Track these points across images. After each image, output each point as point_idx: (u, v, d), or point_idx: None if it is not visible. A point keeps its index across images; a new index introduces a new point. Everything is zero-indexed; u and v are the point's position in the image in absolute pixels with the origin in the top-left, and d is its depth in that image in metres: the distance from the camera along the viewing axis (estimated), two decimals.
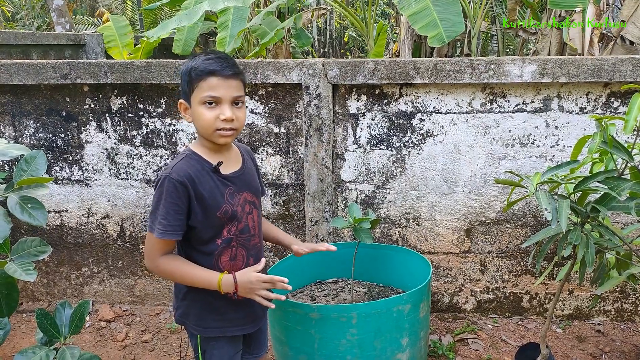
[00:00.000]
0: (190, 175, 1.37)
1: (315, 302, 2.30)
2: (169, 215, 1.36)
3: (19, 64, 2.66)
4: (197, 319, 1.51)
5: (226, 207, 1.43)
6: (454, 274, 2.80)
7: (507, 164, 2.59)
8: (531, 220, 2.67)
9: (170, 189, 1.35)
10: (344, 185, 2.74)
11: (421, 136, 2.62)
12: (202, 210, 1.40)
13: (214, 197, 1.41)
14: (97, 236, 2.95)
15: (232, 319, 1.52)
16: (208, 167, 1.42)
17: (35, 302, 3.07)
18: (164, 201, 1.36)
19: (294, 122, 2.69)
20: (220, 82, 1.35)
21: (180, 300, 1.53)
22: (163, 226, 1.36)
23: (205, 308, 1.50)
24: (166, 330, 2.79)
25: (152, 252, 1.41)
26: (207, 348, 1.54)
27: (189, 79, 1.37)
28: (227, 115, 1.35)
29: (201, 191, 1.38)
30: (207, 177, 1.41)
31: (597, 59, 2.37)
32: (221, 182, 1.44)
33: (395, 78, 2.49)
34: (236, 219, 1.46)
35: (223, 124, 1.36)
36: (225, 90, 1.35)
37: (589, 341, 2.60)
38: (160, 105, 2.73)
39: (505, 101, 2.52)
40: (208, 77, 1.34)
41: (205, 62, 1.35)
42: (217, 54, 1.39)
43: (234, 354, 1.57)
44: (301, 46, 5.90)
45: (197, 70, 1.35)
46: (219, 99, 1.35)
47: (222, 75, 1.35)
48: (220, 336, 1.53)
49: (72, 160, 2.85)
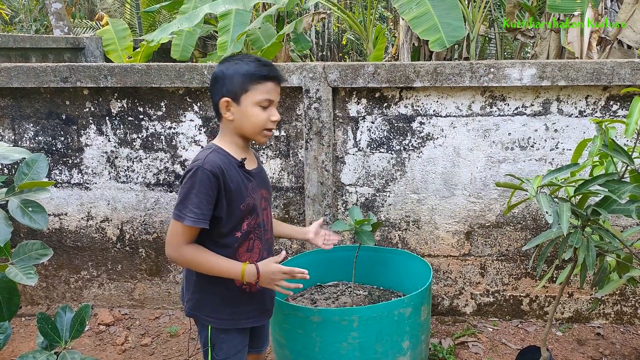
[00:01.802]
0: (221, 167, 1.44)
1: (315, 305, 2.29)
2: (201, 204, 1.41)
3: (19, 67, 2.66)
4: (211, 310, 1.55)
5: (249, 200, 1.51)
6: (454, 277, 2.80)
7: (507, 167, 2.60)
8: (531, 223, 2.67)
9: (204, 179, 1.41)
10: (344, 189, 2.74)
11: (421, 139, 2.63)
12: (227, 202, 1.46)
13: (240, 190, 1.49)
14: (96, 240, 2.94)
15: (244, 311, 1.57)
16: (234, 162, 1.51)
17: (34, 305, 3.06)
18: (197, 190, 1.41)
19: (294, 125, 2.70)
20: (275, 87, 1.49)
21: (191, 293, 1.56)
22: (195, 214, 1.40)
23: (219, 299, 1.54)
24: (166, 334, 2.78)
25: (177, 240, 1.44)
26: (218, 340, 1.57)
27: (243, 80, 1.45)
28: (278, 117, 1.51)
29: (229, 183, 1.46)
30: (234, 171, 1.49)
31: (597, 62, 2.38)
32: (245, 177, 1.52)
33: (396, 81, 2.50)
34: (256, 212, 1.54)
35: (272, 124, 1.50)
36: (277, 95, 1.51)
37: (589, 344, 2.60)
38: (160, 109, 2.73)
39: (505, 104, 2.53)
40: (267, 82, 1.46)
41: (263, 67, 1.47)
42: (264, 60, 1.50)
43: (242, 347, 1.61)
44: (300, 50, 5.92)
45: (255, 74, 1.45)
46: (273, 102, 1.49)
47: (278, 82, 1.50)
48: (231, 328, 1.57)
49: (71, 164, 2.85)
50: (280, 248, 2.86)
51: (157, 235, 2.90)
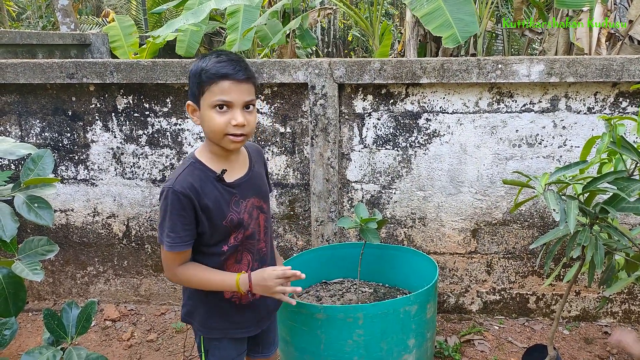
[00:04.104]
0: (194, 187, 1.34)
1: (321, 302, 2.29)
2: (175, 227, 1.34)
3: (25, 63, 2.67)
4: (201, 320, 1.52)
5: (232, 215, 1.41)
6: (460, 275, 2.79)
7: (514, 164, 2.58)
8: (538, 221, 2.65)
9: (174, 201, 1.33)
10: (350, 186, 2.73)
11: (427, 136, 2.61)
12: (208, 220, 1.38)
13: (219, 206, 1.39)
14: (102, 235, 2.95)
15: (235, 321, 1.52)
16: (212, 176, 1.39)
17: (41, 301, 3.08)
18: (169, 214, 1.34)
19: (299, 122, 2.69)
20: (233, 87, 1.29)
21: (186, 299, 1.55)
22: (171, 239, 1.35)
23: (209, 310, 1.50)
24: (171, 329, 2.78)
25: (169, 265, 1.41)
26: (210, 348, 1.54)
27: (199, 81, 1.31)
28: (239, 120, 1.30)
29: (206, 202, 1.36)
30: (211, 186, 1.38)
31: (606, 58, 2.35)
32: (226, 190, 1.41)
33: (402, 78, 2.48)
34: (242, 226, 1.45)
35: (234, 129, 1.31)
36: (238, 94, 1.30)
37: (596, 343, 2.58)
38: (166, 105, 2.73)
39: (513, 101, 2.50)
40: (220, 81, 1.28)
41: (217, 64, 1.29)
42: (229, 55, 1.33)
43: (236, 355, 1.57)
44: (306, 47, 5.90)
45: (208, 72, 1.29)
46: (231, 103, 1.30)
47: (235, 80, 1.29)
48: (223, 337, 1.53)
49: (77, 160, 2.86)
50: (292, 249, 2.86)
51: None
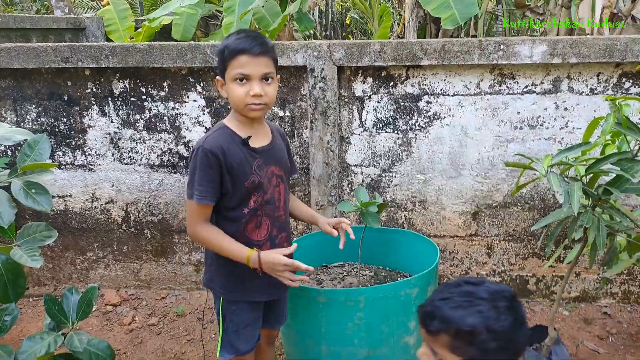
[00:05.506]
0: (222, 147, 1.46)
1: (321, 286, 2.29)
2: (202, 181, 1.46)
3: (19, 47, 2.62)
4: (222, 283, 1.61)
5: (254, 177, 1.52)
6: (460, 257, 2.79)
7: (515, 146, 2.56)
8: (539, 203, 2.64)
9: (203, 158, 1.45)
10: (350, 169, 2.72)
11: (428, 119, 2.58)
12: (231, 180, 1.49)
13: (243, 167, 1.50)
14: (101, 221, 2.94)
15: (255, 284, 1.61)
16: (238, 140, 1.51)
17: (41, 286, 3.08)
18: (198, 169, 1.46)
19: (299, 106, 2.66)
20: (250, 60, 1.42)
21: (208, 266, 1.65)
22: (200, 192, 1.46)
23: (229, 275, 1.60)
24: (172, 313, 2.79)
25: (192, 219, 1.51)
26: (228, 312, 1.62)
27: (223, 58, 1.46)
28: (255, 91, 1.43)
29: (231, 161, 1.48)
30: (237, 149, 1.50)
31: (609, 38, 2.32)
32: (250, 154, 1.53)
33: (402, 60, 2.45)
34: (262, 189, 1.55)
35: (253, 99, 1.44)
36: (254, 67, 1.43)
37: (596, 323, 2.60)
38: (163, 89, 2.69)
39: (514, 82, 2.48)
40: (238, 56, 1.42)
41: (237, 40, 1.43)
42: (248, 32, 1.46)
43: (252, 320, 1.65)
44: (303, 30, 5.81)
45: (229, 49, 1.43)
46: (249, 76, 1.43)
47: (251, 54, 1.42)
48: (240, 300, 1.61)
49: (75, 145, 2.83)
50: None
51: (162, 216, 2.89)
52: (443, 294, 1.01)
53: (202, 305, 2.84)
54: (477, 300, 0.97)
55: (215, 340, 2.55)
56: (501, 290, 1.00)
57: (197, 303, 2.89)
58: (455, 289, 1.02)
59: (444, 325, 0.97)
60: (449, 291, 1.01)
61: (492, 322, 0.94)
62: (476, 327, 0.94)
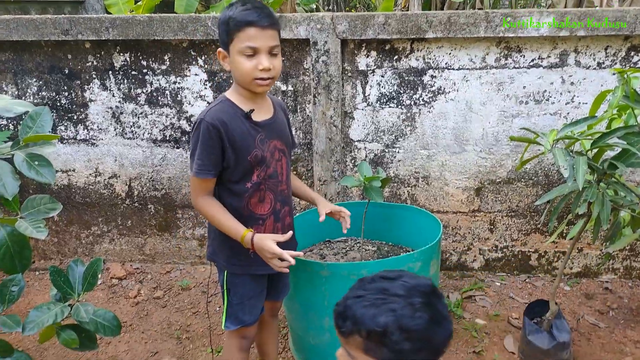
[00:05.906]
0: (223, 120, 1.43)
1: (324, 260, 2.30)
2: (203, 155, 1.44)
3: (18, 19, 2.58)
4: (225, 257, 1.62)
5: (257, 151, 1.50)
6: (463, 233, 2.80)
7: (520, 121, 2.53)
8: (542, 179, 2.63)
9: (205, 131, 1.42)
10: (353, 145, 2.70)
11: (432, 93, 2.55)
12: (234, 153, 1.47)
13: (246, 141, 1.48)
14: (105, 196, 2.95)
15: (256, 259, 1.60)
16: (241, 113, 1.48)
17: (47, 260, 3.11)
18: (200, 142, 1.43)
19: (301, 80, 2.63)
20: (258, 33, 1.37)
21: (211, 240, 1.65)
22: (198, 165, 1.45)
23: (231, 249, 1.59)
24: (177, 287, 2.83)
25: (194, 191, 1.51)
26: (232, 285, 1.64)
27: (227, 29, 1.39)
28: (265, 65, 1.39)
29: (233, 135, 1.45)
30: (239, 122, 1.47)
31: (619, 10, 2.27)
32: (253, 128, 1.50)
33: (407, 32, 2.40)
34: (265, 163, 1.53)
35: (261, 73, 1.40)
36: (263, 40, 1.38)
37: (597, 298, 2.62)
38: (164, 62, 2.66)
39: (521, 56, 2.44)
40: (246, 28, 1.36)
41: (243, 12, 1.36)
42: (254, 3, 1.39)
43: (255, 293, 1.66)
44: (306, 4, 5.71)
45: (235, 20, 1.37)
46: (257, 49, 1.38)
47: (260, 26, 1.37)
48: (243, 273, 1.62)
49: (77, 119, 2.82)
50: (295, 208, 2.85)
51: (166, 191, 2.90)
52: (357, 291, 0.93)
53: (207, 279, 2.87)
54: (392, 297, 0.89)
55: (219, 312, 2.59)
56: (418, 284, 0.92)
57: (201, 277, 2.92)
58: (369, 285, 0.94)
59: (355, 326, 0.89)
60: (364, 288, 0.93)
61: (406, 321, 0.86)
62: (388, 327, 0.86)
